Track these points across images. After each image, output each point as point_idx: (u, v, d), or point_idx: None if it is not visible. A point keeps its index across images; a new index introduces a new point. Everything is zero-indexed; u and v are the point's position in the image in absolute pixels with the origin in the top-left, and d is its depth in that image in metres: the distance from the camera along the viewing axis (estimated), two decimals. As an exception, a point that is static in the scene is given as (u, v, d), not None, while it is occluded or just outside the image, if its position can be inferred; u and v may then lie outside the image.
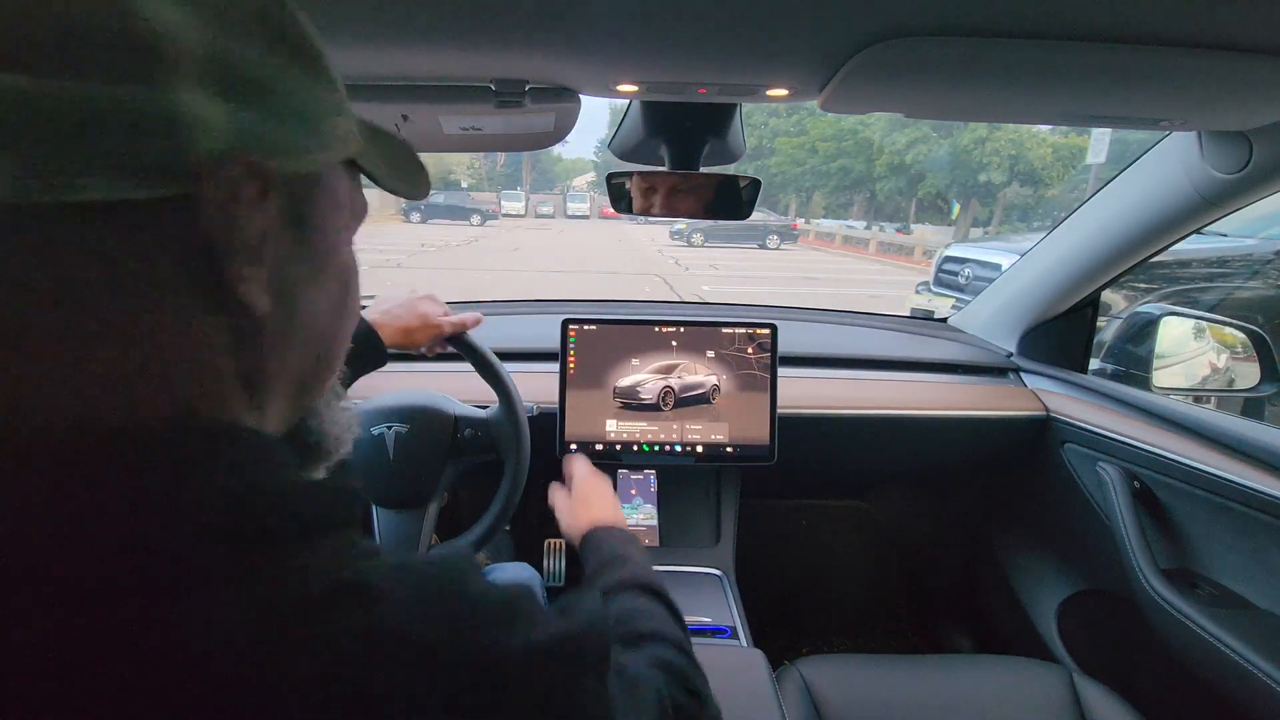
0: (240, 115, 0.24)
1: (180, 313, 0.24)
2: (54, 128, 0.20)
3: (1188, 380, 1.36)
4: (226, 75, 0.24)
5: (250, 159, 0.24)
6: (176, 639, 0.20)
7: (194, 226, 0.24)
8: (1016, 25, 0.52)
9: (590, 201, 28.87)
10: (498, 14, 0.53)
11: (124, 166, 0.21)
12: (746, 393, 1.10)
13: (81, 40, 0.21)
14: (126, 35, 0.21)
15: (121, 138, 0.21)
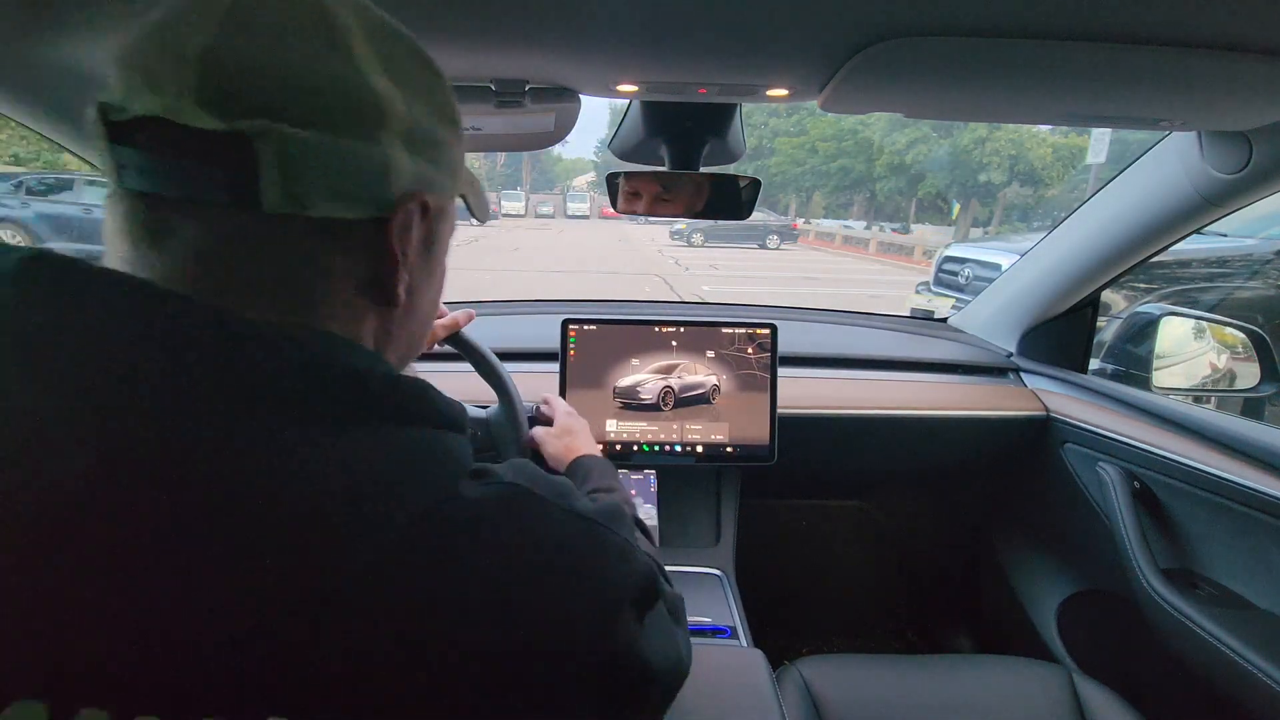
0: (419, 164, 0.34)
1: (353, 297, 0.34)
2: (314, 166, 0.30)
3: (1188, 380, 1.36)
4: (415, 135, 0.34)
5: (422, 197, 0.34)
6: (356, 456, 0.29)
7: (379, 241, 0.33)
8: (1016, 25, 0.52)
9: (590, 201, 28.85)
10: (498, 14, 0.53)
11: (348, 196, 0.31)
12: (746, 393, 1.10)
13: (341, 109, 0.30)
14: (367, 104, 0.31)
15: (350, 176, 0.31)
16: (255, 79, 0.29)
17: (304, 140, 0.29)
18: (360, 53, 0.32)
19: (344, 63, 0.31)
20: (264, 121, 0.28)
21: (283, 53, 0.29)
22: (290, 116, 0.29)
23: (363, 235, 0.33)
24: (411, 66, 0.35)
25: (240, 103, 0.28)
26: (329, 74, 0.30)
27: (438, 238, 0.38)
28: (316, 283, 0.32)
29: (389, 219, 0.33)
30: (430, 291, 0.41)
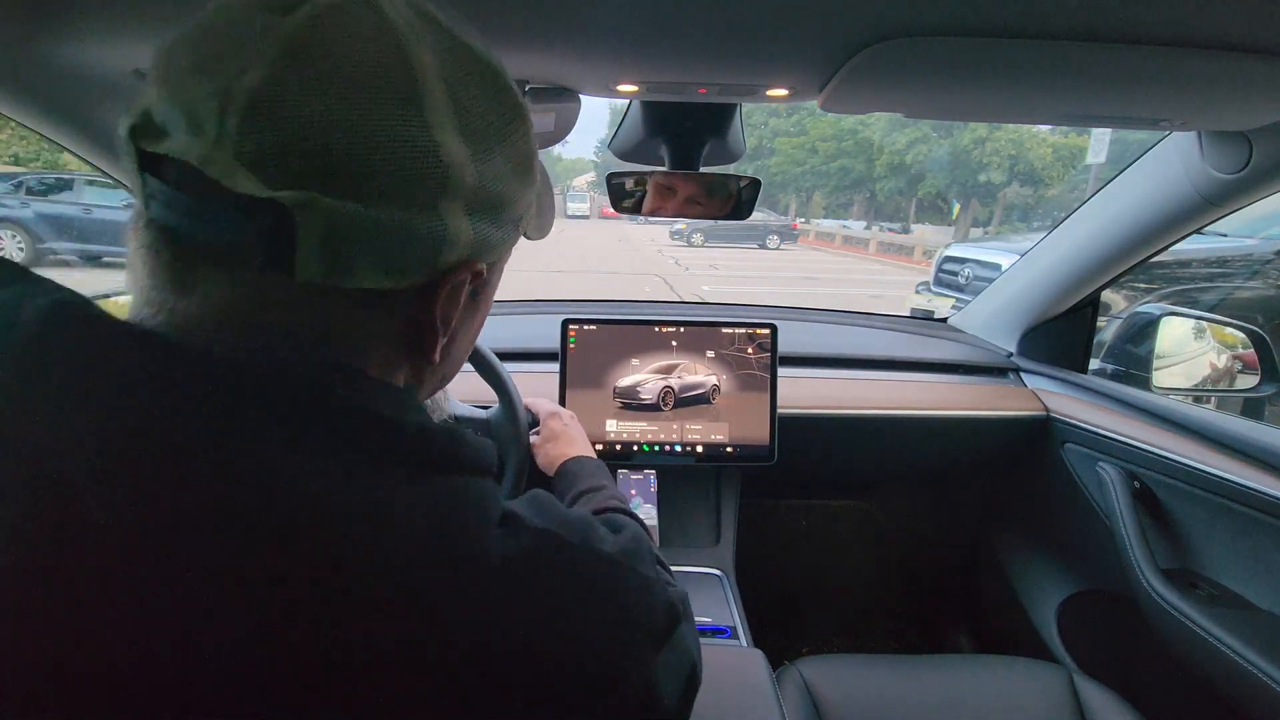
0: (480, 228, 0.31)
1: (389, 358, 0.32)
2: (360, 240, 0.27)
3: (1188, 380, 1.36)
4: (481, 198, 0.31)
5: (476, 264, 0.32)
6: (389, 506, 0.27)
7: (422, 308, 0.31)
8: (1016, 25, 0.52)
9: (590, 201, 28.83)
10: (498, 14, 0.53)
11: (397, 268, 0.29)
12: (746, 393, 1.10)
13: (401, 178, 0.27)
14: (432, 173, 0.28)
15: (401, 248, 0.28)
16: (307, 138, 0.26)
17: (352, 215, 0.26)
18: (434, 105, 0.28)
19: (413, 122, 0.27)
20: (309, 194, 0.26)
21: (344, 108, 0.26)
22: (341, 187, 0.26)
23: (405, 302, 0.31)
24: (493, 113, 0.31)
25: (286, 167, 0.26)
26: (395, 138, 0.27)
27: (486, 291, 0.36)
28: (349, 342, 0.30)
29: (436, 286, 0.31)
30: (469, 338, 0.38)
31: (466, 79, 0.30)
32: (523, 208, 0.35)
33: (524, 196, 0.34)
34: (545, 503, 0.35)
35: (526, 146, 0.33)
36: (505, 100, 0.32)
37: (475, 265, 0.32)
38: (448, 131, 0.28)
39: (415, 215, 0.28)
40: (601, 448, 1.08)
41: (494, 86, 0.31)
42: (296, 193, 0.25)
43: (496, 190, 0.31)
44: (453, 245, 0.30)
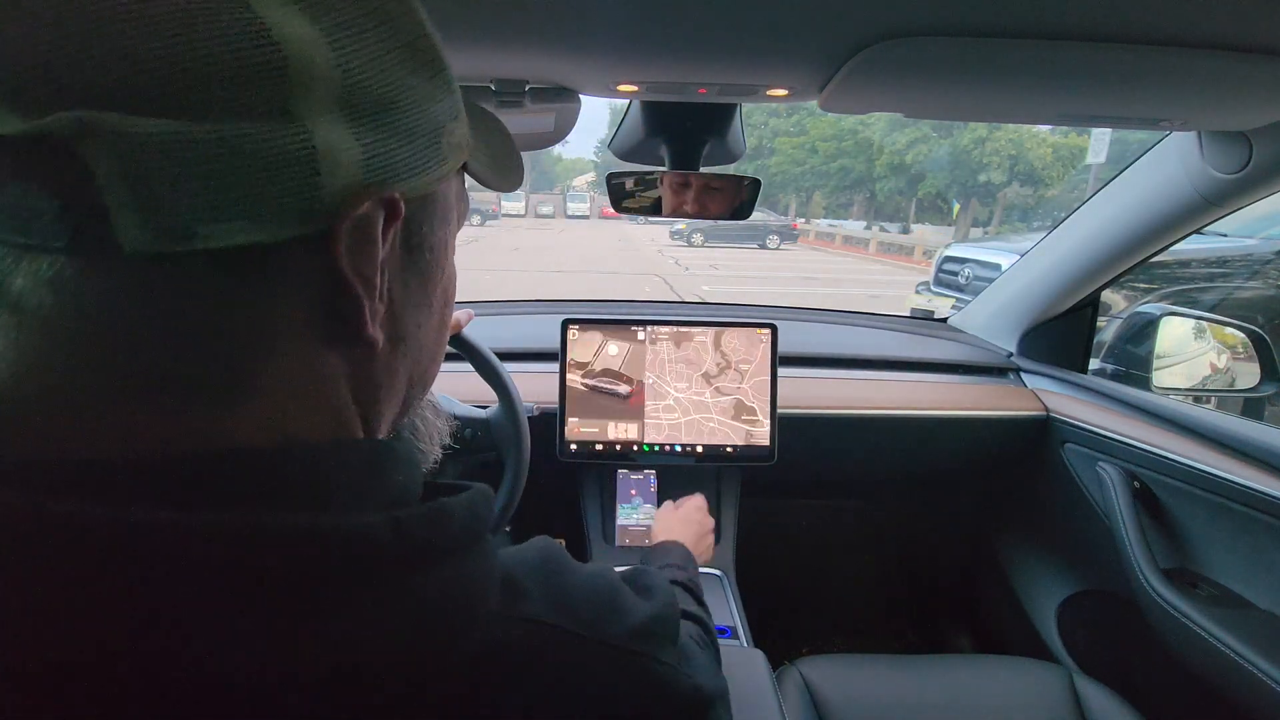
0: (369, 141, 0.23)
1: (304, 354, 0.24)
2: (186, 173, 0.19)
3: (1188, 380, 1.36)
4: (359, 98, 0.22)
5: (384, 191, 0.23)
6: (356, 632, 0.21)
7: (324, 266, 0.23)
8: (1016, 25, 0.52)
9: (590, 201, 28.86)
10: (498, 14, 0.53)
11: (257, 210, 0.20)
12: (746, 393, 1.10)
13: (217, 76, 0.19)
14: (259, 64, 0.19)
15: (255, 179, 0.20)
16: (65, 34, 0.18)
17: (163, 136, 0.18)
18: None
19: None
20: (85, 112, 0.17)
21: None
22: (129, 99, 0.18)
23: (296, 262, 0.22)
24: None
25: (49, 83, 0.18)
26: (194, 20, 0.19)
27: (427, 239, 0.27)
28: (237, 349, 0.22)
29: (332, 232, 0.22)
30: (430, 313, 0.30)
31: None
32: (438, 115, 0.26)
33: (433, 99, 0.25)
34: (555, 564, 0.30)
35: (411, 26, 0.25)
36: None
37: (383, 193, 0.23)
38: (273, 5, 0.20)
39: (261, 126, 0.20)
40: (601, 447, 1.08)
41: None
42: (71, 115, 0.17)
43: (379, 84, 0.23)
44: (333, 163, 0.21)
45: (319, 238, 0.22)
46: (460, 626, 0.24)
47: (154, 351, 0.21)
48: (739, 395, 1.09)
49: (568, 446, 1.07)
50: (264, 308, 0.22)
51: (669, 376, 1.09)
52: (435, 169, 0.26)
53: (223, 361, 0.22)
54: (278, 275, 0.22)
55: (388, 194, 0.23)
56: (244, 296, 0.21)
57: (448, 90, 0.27)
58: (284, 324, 0.23)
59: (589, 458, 1.09)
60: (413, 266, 0.27)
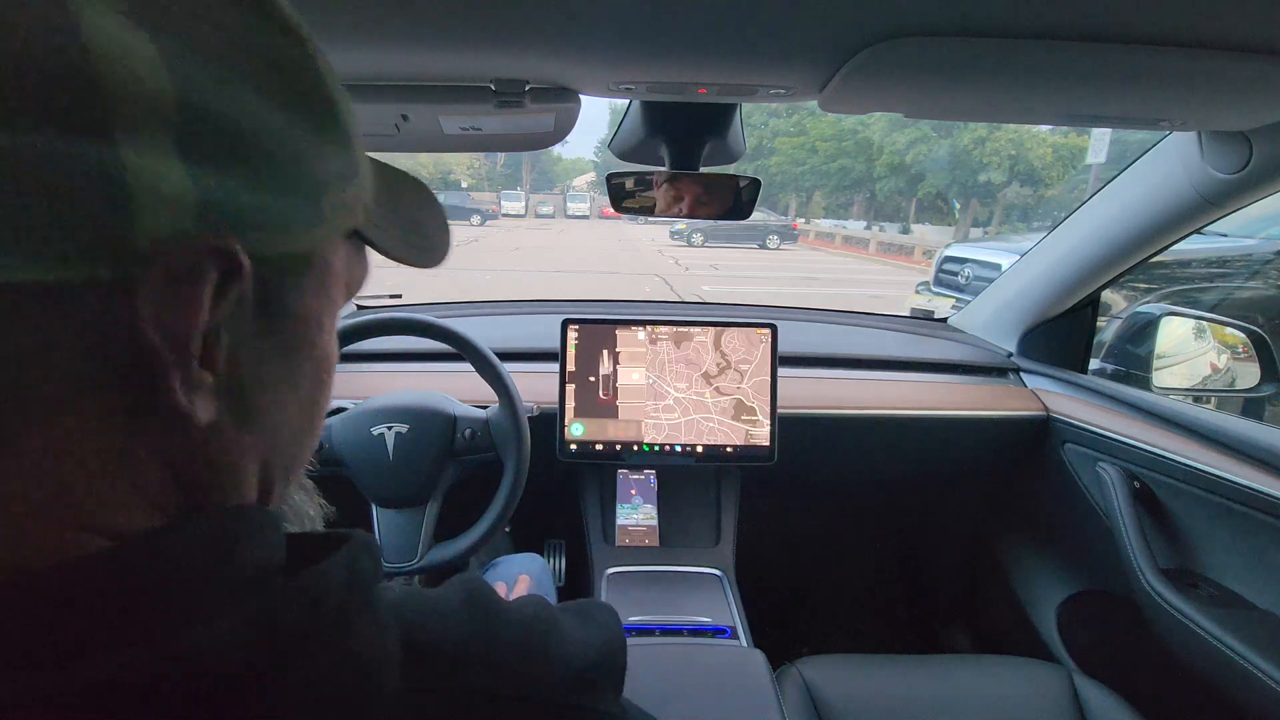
0: (210, 182, 0.19)
1: (99, 425, 0.19)
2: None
3: (1188, 380, 1.36)
4: (200, 130, 0.19)
5: (215, 240, 0.19)
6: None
7: (129, 318, 0.18)
8: (1016, 25, 0.52)
9: (590, 201, 28.87)
10: (498, 14, 0.53)
11: (47, 242, 0.16)
12: (746, 393, 1.10)
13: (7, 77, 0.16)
14: (67, 73, 0.16)
15: (48, 205, 0.16)
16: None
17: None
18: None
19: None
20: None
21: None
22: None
23: (90, 311, 0.18)
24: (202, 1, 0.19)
25: None
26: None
27: (292, 306, 0.23)
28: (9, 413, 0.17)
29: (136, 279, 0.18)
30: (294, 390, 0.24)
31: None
32: (321, 172, 0.22)
33: (318, 153, 0.22)
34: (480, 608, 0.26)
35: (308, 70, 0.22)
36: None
37: (220, 242, 0.19)
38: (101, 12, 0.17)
39: (54, 138, 0.16)
40: (601, 447, 1.08)
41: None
42: None
43: (235, 124, 0.19)
44: (149, 199, 0.17)
45: (120, 283, 0.18)
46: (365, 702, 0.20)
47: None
48: (739, 395, 1.09)
49: (568, 446, 1.08)
50: (41, 362, 0.17)
51: (669, 376, 1.09)
52: (306, 228, 0.22)
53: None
54: (63, 322, 0.17)
55: (223, 244, 0.19)
56: (15, 344, 0.17)
57: (342, 150, 0.23)
58: (62, 382, 0.18)
59: (589, 458, 1.09)
60: (271, 336, 0.23)
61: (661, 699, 0.74)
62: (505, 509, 0.89)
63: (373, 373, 1.17)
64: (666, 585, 1.04)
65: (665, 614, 0.96)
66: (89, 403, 0.18)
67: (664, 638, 0.92)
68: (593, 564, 1.09)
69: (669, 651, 0.87)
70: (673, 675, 0.79)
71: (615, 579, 1.05)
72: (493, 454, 0.92)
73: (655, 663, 0.82)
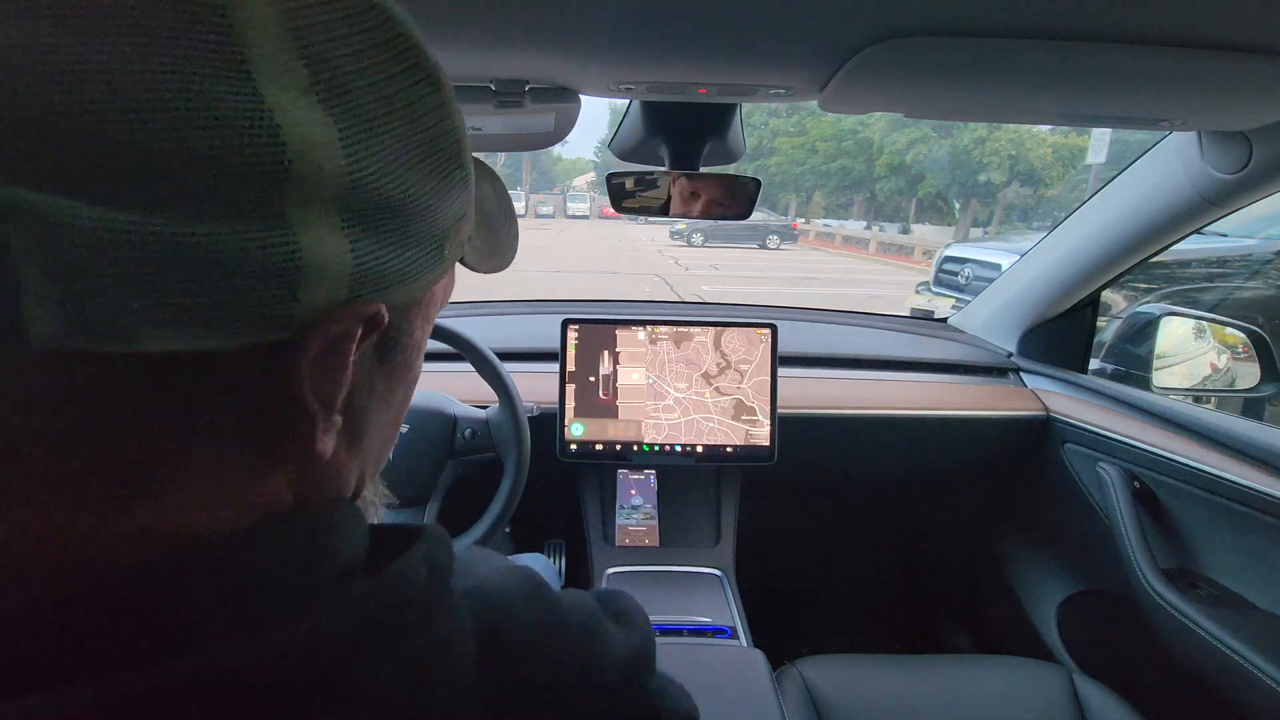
0: (363, 247, 0.19)
1: (239, 471, 0.20)
2: (128, 271, 0.15)
3: (1188, 380, 1.36)
4: (361, 202, 0.19)
5: (369, 307, 0.20)
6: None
7: (282, 379, 0.19)
8: (1016, 25, 0.52)
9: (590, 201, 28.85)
10: (498, 14, 0.53)
11: (215, 320, 0.17)
12: (746, 393, 1.10)
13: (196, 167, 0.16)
14: (254, 163, 0.16)
15: (222, 287, 0.16)
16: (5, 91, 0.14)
17: (102, 227, 0.15)
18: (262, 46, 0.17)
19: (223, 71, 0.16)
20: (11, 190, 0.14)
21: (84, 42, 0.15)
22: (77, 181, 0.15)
23: (241, 371, 0.18)
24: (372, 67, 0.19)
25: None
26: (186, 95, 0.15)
27: (403, 341, 0.24)
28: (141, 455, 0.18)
29: (298, 346, 0.19)
30: (390, 409, 0.26)
31: (327, 16, 0.18)
32: (447, 219, 0.23)
33: (446, 201, 0.22)
34: (540, 599, 0.27)
35: (444, 125, 0.22)
36: (396, 55, 0.20)
37: (367, 308, 0.20)
38: (288, 91, 0.17)
39: (238, 228, 0.16)
40: (601, 447, 1.08)
41: (378, 34, 0.19)
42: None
43: (389, 188, 0.20)
44: (317, 275, 0.18)
45: (278, 349, 0.19)
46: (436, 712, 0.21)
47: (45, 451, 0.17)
48: (739, 395, 1.09)
49: (568, 446, 1.07)
50: (184, 412, 0.18)
51: (669, 376, 1.09)
52: (431, 274, 0.23)
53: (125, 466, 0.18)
54: (212, 381, 0.18)
55: (372, 309, 0.20)
56: (163, 398, 0.18)
57: (463, 187, 0.23)
58: (206, 433, 0.19)
59: (589, 458, 1.09)
60: (381, 370, 0.24)
61: (661, 699, 0.74)
62: (505, 509, 0.89)
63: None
64: (666, 585, 1.04)
65: (665, 614, 0.96)
66: (236, 454, 0.19)
67: (664, 638, 0.92)
68: (593, 564, 1.09)
69: (669, 651, 0.87)
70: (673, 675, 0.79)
71: (615, 579, 1.05)
72: (493, 454, 0.92)
73: (655, 663, 0.82)
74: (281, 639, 0.18)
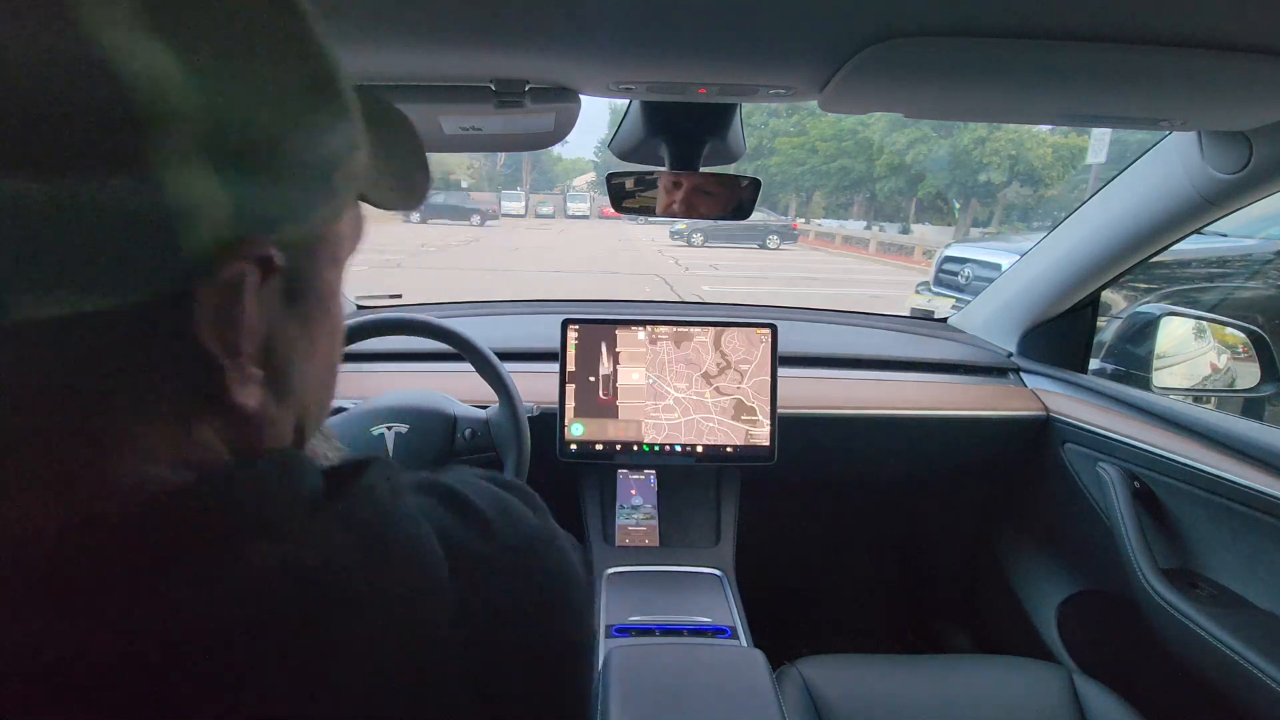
0: (242, 188, 0.19)
1: (167, 424, 0.20)
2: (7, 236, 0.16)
3: (1188, 380, 1.36)
4: (226, 140, 0.18)
5: (256, 245, 0.20)
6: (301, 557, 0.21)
7: (183, 331, 0.19)
8: (1016, 25, 0.52)
9: (590, 201, 28.83)
10: (498, 14, 0.53)
11: (101, 275, 0.17)
12: (746, 393, 1.10)
13: (28, 121, 0.15)
14: (105, 111, 0.16)
15: (88, 244, 0.16)
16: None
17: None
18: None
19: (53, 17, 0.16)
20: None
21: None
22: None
23: (146, 328, 0.19)
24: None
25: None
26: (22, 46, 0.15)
27: (312, 284, 0.24)
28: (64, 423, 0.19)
29: (189, 298, 0.19)
30: (314, 354, 0.26)
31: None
32: (331, 151, 0.22)
33: (325, 132, 0.22)
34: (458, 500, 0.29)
35: (310, 51, 0.21)
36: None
37: (256, 250, 0.20)
38: (123, 32, 0.16)
39: (95, 181, 0.16)
40: (601, 447, 1.08)
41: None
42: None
43: (256, 123, 0.19)
44: (193, 221, 0.18)
45: (172, 300, 0.19)
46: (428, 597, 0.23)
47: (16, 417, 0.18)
48: (739, 395, 1.09)
49: (568, 446, 1.07)
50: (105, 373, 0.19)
51: (669, 376, 1.09)
52: (323, 210, 0.22)
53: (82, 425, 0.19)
54: (118, 341, 0.19)
55: (261, 251, 0.20)
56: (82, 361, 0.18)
57: (345, 119, 0.23)
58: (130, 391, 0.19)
59: (589, 458, 1.09)
60: (295, 316, 0.24)
61: (661, 699, 0.74)
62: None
63: (373, 373, 1.17)
64: (666, 585, 1.04)
65: (665, 614, 0.96)
66: (162, 408, 0.20)
67: (664, 638, 0.92)
68: (593, 564, 1.09)
69: (669, 651, 0.87)
70: (673, 675, 0.79)
71: (615, 579, 1.05)
72: (493, 454, 0.92)
73: (655, 663, 0.82)
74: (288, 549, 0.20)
